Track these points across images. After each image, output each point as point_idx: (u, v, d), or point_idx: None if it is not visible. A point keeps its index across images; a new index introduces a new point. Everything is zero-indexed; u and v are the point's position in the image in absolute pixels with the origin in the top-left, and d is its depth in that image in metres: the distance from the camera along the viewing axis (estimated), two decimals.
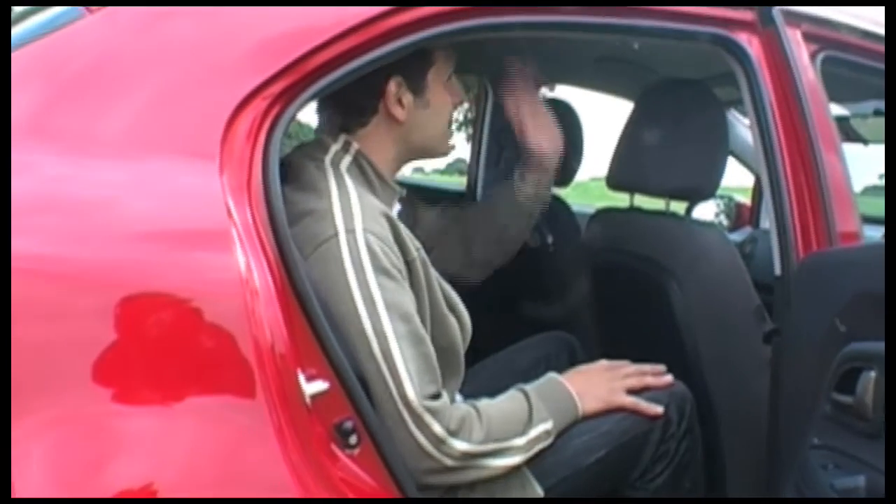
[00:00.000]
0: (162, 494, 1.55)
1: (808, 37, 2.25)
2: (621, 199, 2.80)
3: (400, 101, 2.14)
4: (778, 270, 2.14)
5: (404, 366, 1.89)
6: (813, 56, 2.26)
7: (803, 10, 2.24)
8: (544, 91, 4.37)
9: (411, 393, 1.89)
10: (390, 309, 1.90)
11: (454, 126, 2.32)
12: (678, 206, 2.64)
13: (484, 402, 2.05)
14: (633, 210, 2.71)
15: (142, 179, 1.65)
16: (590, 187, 9.34)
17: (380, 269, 1.91)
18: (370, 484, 1.75)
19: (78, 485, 1.52)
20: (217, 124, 1.67)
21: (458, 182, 4.60)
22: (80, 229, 1.58)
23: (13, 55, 1.73)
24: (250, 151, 1.69)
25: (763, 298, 2.36)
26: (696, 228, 2.62)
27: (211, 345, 1.62)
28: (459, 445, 1.93)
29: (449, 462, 1.93)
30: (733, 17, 2.15)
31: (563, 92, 4.43)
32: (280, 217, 1.70)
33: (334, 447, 1.71)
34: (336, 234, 1.92)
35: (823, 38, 2.30)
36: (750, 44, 2.16)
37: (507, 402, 2.08)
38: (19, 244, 1.52)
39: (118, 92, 1.70)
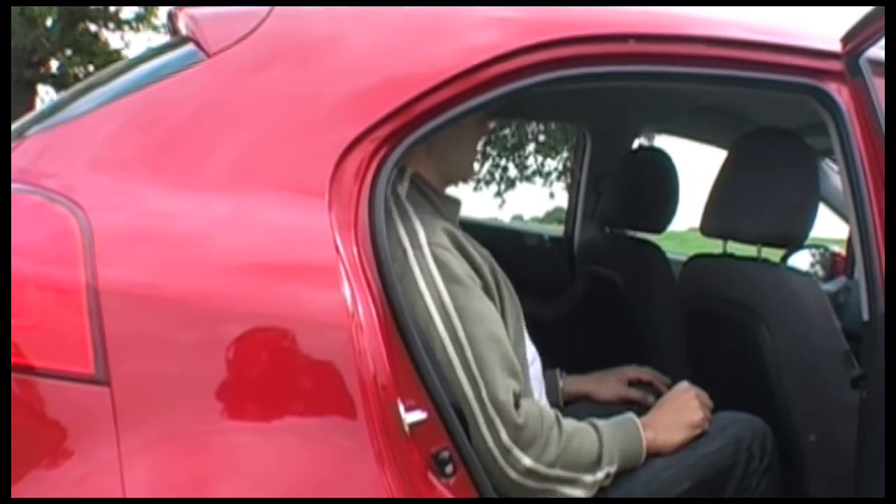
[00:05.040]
0: None
1: None
2: (716, 248, 2.83)
3: None
4: (866, 316, 2.15)
5: (478, 368, 1.96)
6: None
7: None
8: (642, 140, 4.44)
9: (485, 394, 1.96)
10: (462, 313, 1.99)
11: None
12: (769, 253, 2.67)
13: (569, 424, 2.09)
14: (725, 256, 2.74)
15: (252, 213, 1.75)
16: (687, 238, 9.31)
17: (449, 277, 2.01)
18: None
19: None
20: (327, 164, 1.77)
21: (556, 230, 4.64)
22: (192, 260, 1.70)
23: (135, 95, 1.86)
24: (357, 190, 1.78)
25: (854, 347, 2.37)
26: (786, 275, 2.64)
27: (316, 373, 1.71)
28: (525, 460, 1.98)
29: (512, 474, 1.97)
30: (823, 67, 2.18)
31: (664, 141, 4.50)
32: (384, 254, 1.79)
33: (431, 475, 1.77)
34: (405, 253, 2.01)
35: None
36: (839, 94, 2.18)
37: (581, 435, 2.10)
38: (132, 272, 1.65)
39: (231, 132, 1.82)
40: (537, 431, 2.00)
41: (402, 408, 1.72)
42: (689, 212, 3.60)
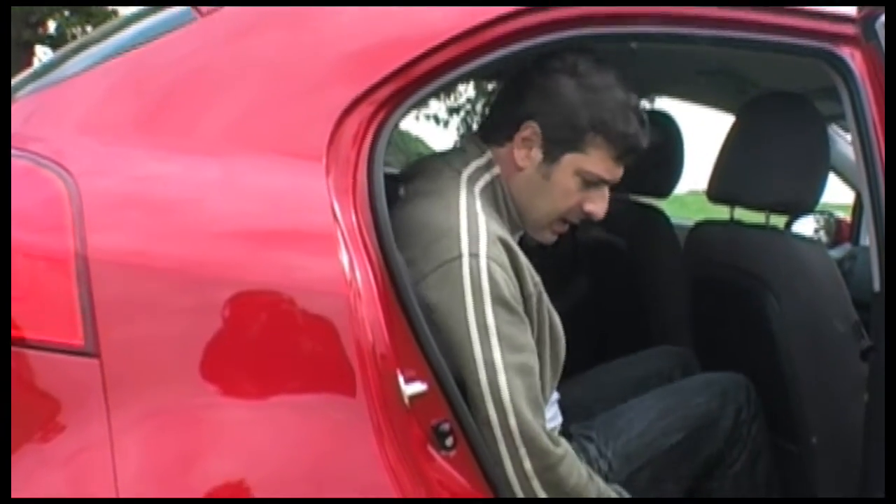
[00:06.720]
0: (255, 489, 1.61)
1: None
2: (717, 212, 2.80)
3: (529, 150, 2.11)
4: (877, 286, 2.11)
5: (509, 397, 1.89)
6: None
7: None
8: (644, 103, 4.39)
9: (513, 423, 1.89)
10: (502, 339, 1.90)
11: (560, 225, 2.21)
12: (777, 220, 2.63)
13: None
14: (733, 223, 2.70)
15: (247, 177, 1.71)
16: (687, 201, 9.29)
17: (498, 298, 1.91)
18: (465, 486, 1.78)
19: (172, 477, 1.58)
20: (324, 127, 1.71)
21: None
22: (185, 226, 1.65)
23: (127, 56, 1.81)
24: (356, 155, 1.73)
25: (861, 316, 2.33)
26: (796, 243, 2.60)
27: (312, 343, 1.67)
28: (539, 492, 1.94)
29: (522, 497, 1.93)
30: (836, 31, 2.12)
31: (666, 104, 4.44)
32: (384, 220, 1.73)
33: (431, 448, 1.73)
34: (460, 256, 1.91)
35: None
36: (853, 58, 2.12)
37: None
38: (123, 238, 1.60)
39: (225, 94, 1.77)
40: (568, 480, 1.97)
41: (401, 379, 1.68)
42: (689, 175, 3.57)
